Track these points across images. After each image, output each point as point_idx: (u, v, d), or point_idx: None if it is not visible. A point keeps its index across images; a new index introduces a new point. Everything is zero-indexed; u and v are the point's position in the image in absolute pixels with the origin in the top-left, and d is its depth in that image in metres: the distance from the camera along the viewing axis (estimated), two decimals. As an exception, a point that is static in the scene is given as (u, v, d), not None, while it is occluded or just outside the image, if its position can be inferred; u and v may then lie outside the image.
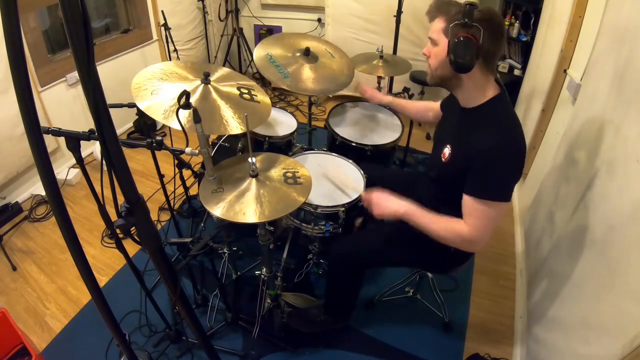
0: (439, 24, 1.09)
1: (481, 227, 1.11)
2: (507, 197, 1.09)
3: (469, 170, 1.10)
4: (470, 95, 1.14)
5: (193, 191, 2.33)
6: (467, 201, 1.12)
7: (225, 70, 1.52)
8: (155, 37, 3.24)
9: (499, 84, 1.14)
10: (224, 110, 1.30)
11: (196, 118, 1.05)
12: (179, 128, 1.09)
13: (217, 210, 1.11)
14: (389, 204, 1.28)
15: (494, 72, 1.11)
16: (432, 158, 1.39)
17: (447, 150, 1.21)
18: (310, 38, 1.95)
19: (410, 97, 2.92)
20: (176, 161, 1.64)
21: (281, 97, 3.69)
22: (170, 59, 3.21)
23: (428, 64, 1.17)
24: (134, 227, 0.71)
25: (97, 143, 1.66)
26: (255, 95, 1.46)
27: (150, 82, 1.30)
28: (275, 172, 1.27)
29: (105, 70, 2.79)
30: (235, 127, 1.27)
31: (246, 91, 1.45)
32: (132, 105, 1.37)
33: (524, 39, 2.93)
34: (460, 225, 1.14)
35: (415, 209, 1.23)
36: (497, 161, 1.06)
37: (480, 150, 1.07)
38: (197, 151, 1.13)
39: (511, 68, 3.08)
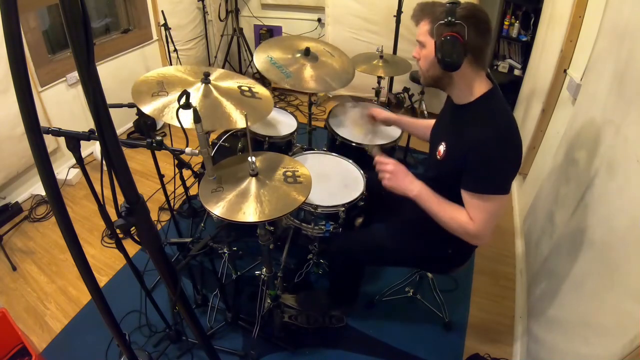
0: (424, 26, 1.10)
1: (483, 221, 1.12)
2: (505, 189, 1.09)
3: (466, 166, 1.11)
4: (462, 92, 1.15)
5: (193, 191, 2.33)
6: (466, 197, 1.13)
7: (223, 71, 1.53)
8: (155, 37, 3.24)
9: (490, 79, 1.15)
10: (226, 106, 1.30)
11: (196, 118, 1.05)
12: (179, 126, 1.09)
13: (217, 209, 1.11)
14: (404, 180, 1.25)
15: (484, 67, 1.12)
16: (429, 158, 1.40)
17: (442, 148, 1.21)
18: (308, 39, 1.95)
19: (411, 97, 2.92)
20: (176, 161, 1.64)
21: (281, 97, 3.69)
22: (170, 59, 3.21)
23: (419, 67, 1.18)
24: (134, 227, 0.71)
25: (97, 143, 1.66)
26: (257, 93, 1.46)
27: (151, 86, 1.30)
28: (275, 172, 1.27)
29: (105, 70, 2.79)
30: (239, 120, 1.27)
31: (247, 88, 1.45)
32: (132, 105, 1.37)
33: (524, 39, 2.93)
34: (466, 218, 1.14)
35: (427, 193, 1.22)
36: (492, 154, 1.06)
37: (475, 145, 1.08)
38: (197, 151, 1.13)
39: (511, 68, 3.08)
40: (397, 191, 1.26)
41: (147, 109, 1.23)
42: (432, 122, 1.49)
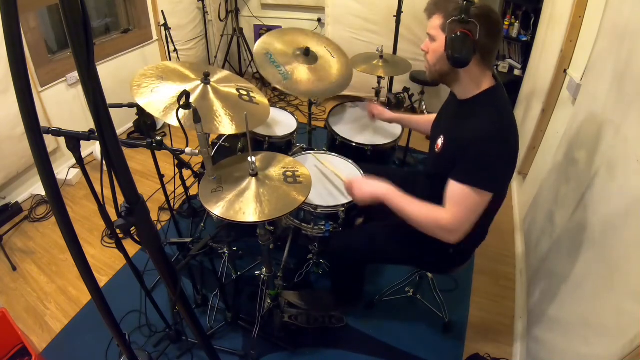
0: (437, 20, 1.11)
1: (461, 216, 1.10)
2: (492, 187, 1.08)
3: (458, 157, 1.11)
4: (466, 89, 1.16)
5: (193, 191, 2.33)
6: (451, 186, 1.11)
7: (224, 72, 1.53)
8: (155, 37, 3.24)
9: (495, 79, 1.15)
10: (220, 110, 1.30)
11: (196, 118, 1.05)
12: (178, 125, 1.09)
13: (217, 209, 1.11)
14: (368, 187, 1.29)
15: (491, 67, 1.13)
16: (428, 153, 1.41)
17: (440, 141, 1.23)
18: (310, 35, 1.95)
19: (411, 97, 2.92)
20: (176, 161, 1.64)
21: (281, 97, 3.69)
22: (170, 59, 3.21)
23: (426, 60, 1.19)
24: (134, 227, 0.71)
25: (97, 143, 1.66)
26: (254, 97, 1.46)
27: (149, 80, 1.30)
28: (275, 171, 1.27)
29: (105, 70, 2.79)
30: (229, 127, 1.27)
31: (245, 93, 1.45)
32: (132, 105, 1.37)
33: (524, 39, 2.93)
34: (441, 213, 1.13)
35: (395, 192, 1.23)
36: (484, 148, 1.06)
37: (470, 137, 1.08)
38: (197, 151, 1.13)
39: (511, 68, 3.08)
40: (369, 198, 1.27)
41: (143, 101, 1.23)
42: (433, 116, 1.49)
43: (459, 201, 1.10)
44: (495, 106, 1.12)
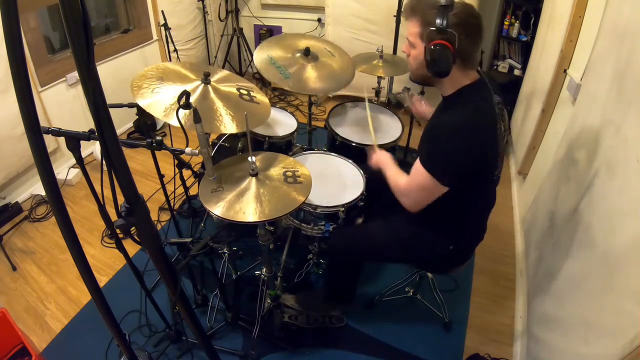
0: (414, 27, 1.10)
1: (410, 188, 1.21)
2: (440, 175, 1.11)
3: (426, 143, 1.20)
4: (448, 88, 1.17)
5: (193, 191, 2.33)
6: (416, 161, 1.18)
7: (224, 72, 1.53)
8: (155, 37, 3.24)
9: (479, 73, 1.16)
10: (221, 109, 1.31)
11: (196, 118, 1.05)
12: (179, 126, 1.09)
13: (217, 209, 1.11)
14: (380, 163, 1.40)
15: (474, 66, 1.13)
16: None
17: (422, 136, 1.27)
18: (309, 38, 1.95)
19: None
20: (176, 161, 1.64)
21: (281, 97, 3.69)
22: (170, 59, 3.21)
23: (408, 63, 1.19)
24: (134, 227, 0.71)
25: (97, 143, 1.66)
26: (255, 97, 1.46)
27: (150, 82, 1.30)
28: (275, 171, 1.27)
29: (105, 70, 2.79)
30: (231, 127, 1.27)
31: (245, 92, 1.45)
32: (132, 105, 1.37)
33: (524, 39, 2.93)
34: (402, 181, 1.25)
35: (389, 162, 1.36)
36: (444, 142, 1.11)
37: (436, 127, 1.16)
38: (197, 151, 1.13)
39: (511, 68, 3.08)
40: (378, 169, 1.40)
41: (144, 103, 1.23)
42: None
43: (413, 176, 1.20)
44: (471, 102, 1.12)
